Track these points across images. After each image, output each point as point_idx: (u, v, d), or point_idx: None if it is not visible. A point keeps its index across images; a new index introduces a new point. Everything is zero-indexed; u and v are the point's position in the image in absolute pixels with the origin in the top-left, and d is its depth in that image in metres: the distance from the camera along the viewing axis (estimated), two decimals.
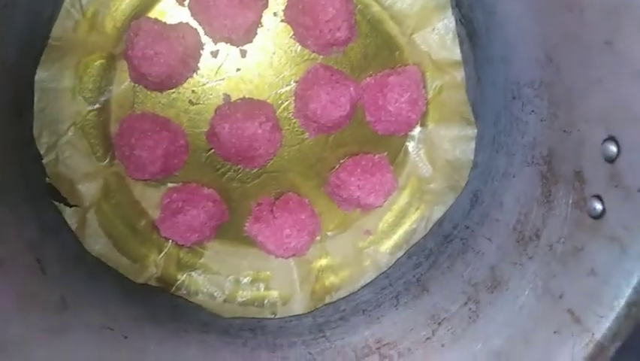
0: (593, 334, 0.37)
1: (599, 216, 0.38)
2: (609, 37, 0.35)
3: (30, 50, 0.46)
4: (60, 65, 0.48)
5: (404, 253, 0.56)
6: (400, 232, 0.56)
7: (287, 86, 0.52)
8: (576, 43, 0.39)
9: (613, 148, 0.37)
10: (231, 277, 0.54)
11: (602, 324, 0.37)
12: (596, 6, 0.36)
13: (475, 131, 0.53)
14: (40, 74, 0.47)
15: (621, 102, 0.36)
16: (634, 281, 0.35)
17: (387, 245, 0.56)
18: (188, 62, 0.49)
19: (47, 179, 0.49)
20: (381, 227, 0.56)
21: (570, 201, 0.42)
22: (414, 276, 0.55)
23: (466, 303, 0.49)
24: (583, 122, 0.40)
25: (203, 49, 0.50)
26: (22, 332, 0.39)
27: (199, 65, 0.50)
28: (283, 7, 0.50)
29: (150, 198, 0.52)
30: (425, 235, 0.56)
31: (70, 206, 0.50)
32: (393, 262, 0.56)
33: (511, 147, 0.50)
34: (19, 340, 0.38)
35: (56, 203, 0.49)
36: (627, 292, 0.35)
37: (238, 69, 0.51)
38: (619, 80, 0.35)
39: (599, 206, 0.38)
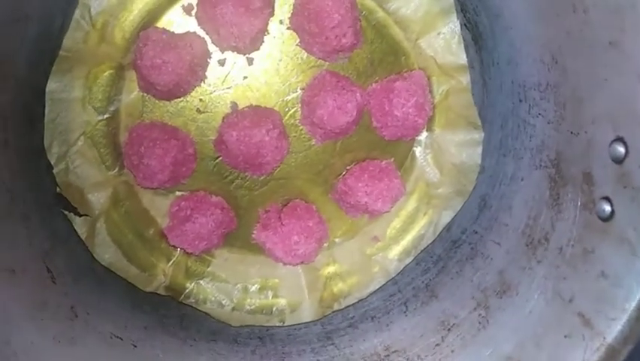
0: (604, 337, 0.37)
1: (608, 218, 0.38)
2: (614, 37, 0.35)
3: (41, 62, 0.47)
4: (70, 75, 0.48)
5: (413, 259, 0.56)
6: (409, 238, 0.56)
7: (293, 93, 0.52)
8: (581, 43, 0.39)
9: (621, 149, 0.37)
10: (239, 284, 0.54)
11: (614, 327, 0.36)
12: (600, 6, 0.36)
13: (482, 135, 0.53)
14: (51, 85, 0.48)
15: (628, 102, 0.36)
16: None
17: (395, 251, 0.56)
18: (196, 71, 0.50)
19: (57, 189, 0.49)
20: (389, 233, 0.56)
21: (579, 204, 0.41)
22: (423, 282, 0.55)
23: (475, 308, 0.48)
24: (590, 123, 0.40)
25: (210, 57, 0.51)
26: (34, 340, 0.39)
27: (206, 73, 0.51)
28: (289, 15, 0.51)
29: (159, 207, 0.53)
30: (433, 241, 0.56)
31: (80, 215, 0.50)
32: (402, 268, 0.56)
33: (519, 150, 0.50)
34: (32, 347, 0.39)
35: (66, 213, 0.50)
36: (638, 295, 0.35)
37: (245, 77, 0.52)
38: (625, 80, 0.35)
39: (607, 208, 0.38)
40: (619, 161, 0.37)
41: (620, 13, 0.34)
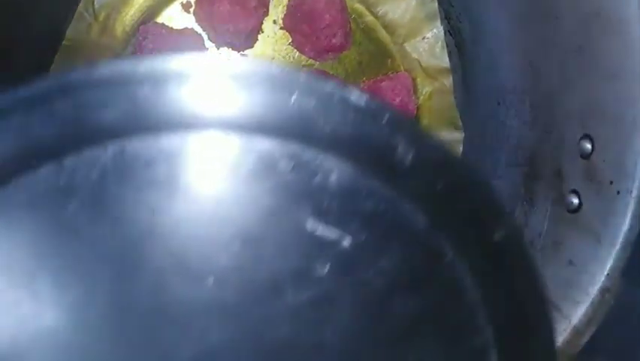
0: (570, 320, 0.39)
1: (576, 210, 0.41)
2: (581, 43, 0.38)
3: (45, 50, 0.49)
4: (72, 64, 0.50)
5: None
6: None
7: None
8: (553, 48, 0.42)
9: (588, 145, 0.40)
10: None
11: (579, 310, 0.39)
12: (570, 14, 0.39)
13: (463, 135, 0.56)
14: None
15: (594, 102, 0.39)
16: (607, 268, 0.38)
17: None
18: None
19: None
20: None
21: (550, 198, 0.44)
22: None
23: None
24: (561, 122, 0.43)
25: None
26: None
27: None
28: (282, 16, 0.53)
29: None
30: None
31: None
32: None
33: (497, 149, 0.53)
34: None
35: None
36: (601, 279, 0.38)
37: None
38: (591, 82, 0.38)
39: (575, 200, 0.41)
40: (586, 156, 0.40)
41: (586, 20, 0.37)
